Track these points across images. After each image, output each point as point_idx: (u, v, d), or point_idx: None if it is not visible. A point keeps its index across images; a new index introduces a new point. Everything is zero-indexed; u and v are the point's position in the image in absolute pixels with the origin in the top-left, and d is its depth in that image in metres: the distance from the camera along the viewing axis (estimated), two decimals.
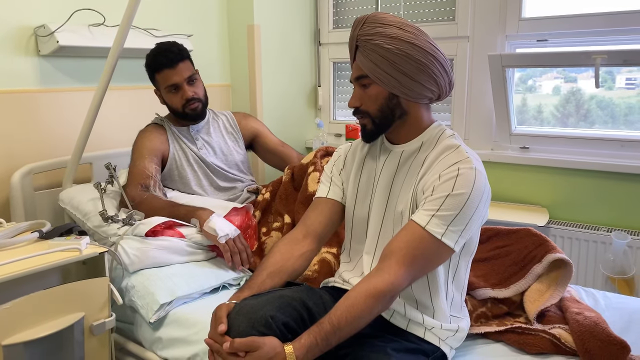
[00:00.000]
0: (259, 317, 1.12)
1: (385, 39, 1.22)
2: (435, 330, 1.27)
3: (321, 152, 2.00)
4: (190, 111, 1.99)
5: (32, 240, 1.53)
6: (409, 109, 1.28)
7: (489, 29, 2.47)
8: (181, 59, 1.95)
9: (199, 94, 2.00)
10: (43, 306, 1.30)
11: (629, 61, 2.05)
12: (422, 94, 1.26)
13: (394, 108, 1.28)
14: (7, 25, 1.97)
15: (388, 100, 1.27)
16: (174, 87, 1.96)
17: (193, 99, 1.97)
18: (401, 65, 1.22)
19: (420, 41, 1.22)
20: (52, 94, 2.13)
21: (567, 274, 1.51)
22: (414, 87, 1.24)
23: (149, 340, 1.58)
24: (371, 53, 1.24)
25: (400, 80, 1.23)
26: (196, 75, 2.01)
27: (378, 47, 1.23)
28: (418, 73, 1.23)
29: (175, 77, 1.94)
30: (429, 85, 1.25)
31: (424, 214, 1.19)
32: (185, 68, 1.96)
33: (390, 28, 1.23)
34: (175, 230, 1.73)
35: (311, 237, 1.39)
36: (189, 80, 1.97)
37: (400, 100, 1.27)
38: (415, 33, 1.23)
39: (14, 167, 2.00)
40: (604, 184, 2.26)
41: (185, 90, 1.96)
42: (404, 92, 1.25)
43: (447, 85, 1.28)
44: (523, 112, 2.53)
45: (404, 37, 1.22)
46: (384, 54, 1.22)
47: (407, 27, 1.24)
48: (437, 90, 1.27)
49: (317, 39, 3.06)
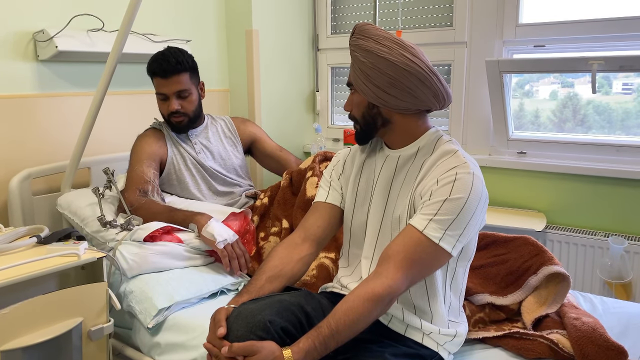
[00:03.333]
0: (257, 322, 1.12)
1: (361, 51, 1.26)
2: (434, 335, 1.27)
3: (319, 156, 2.01)
4: (175, 122, 1.99)
5: (30, 245, 1.52)
6: (391, 117, 1.30)
7: (486, 35, 2.48)
8: (176, 72, 1.90)
9: (187, 109, 1.97)
10: (41, 311, 1.30)
11: (626, 67, 2.06)
12: (400, 106, 1.27)
13: (375, 116, 1.31)
14: (6, 30, 1.98)
15: (369, 109, 1.31)
16: (162, 96, 1.96)
17: (178, 112, 1.96)
18: (373, 78, 1.25)
19: (393, 56, 1.23)
20: (51, 99, 2.13)
21: (565, 288, 1.50)
22: (388, 99, 1.26)
23: (147, 346, 1.58)
24: (354, 63, 1.29)
25: (375, 92, 1.26)
26: (191, 91, 1.96)
27: (357, 59, 1.27)
28: (389, 87, 1.24)
29: (164, 88, 1.93)
30: (404, 98, 1.25)
31: (422, 218, 1.20)
32: (177, 81, 1.92)
33: (367, 41, 1.26)
34: (173, 235, 1.73)
35: (310, 241, 1.39)
36: (179, 94, 1.94)
37: (380, 109, 1.29)
38: (391, 47, 1.24)
39: (12, 172, 1.99)
40: (601, 189, 2.27)
41: (171, 103, 1.94)
42: (381, 102, 1.27)
43: (431, 98, 1.27)
44: (520, 117, 2.54)
45: (377, 51, 1.24)
46: (360, 66, 1.27)
47: (384, 40, 1.25)
48: (418, 102, 1.26)
49: (316, 44, 3.07)
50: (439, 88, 1.27)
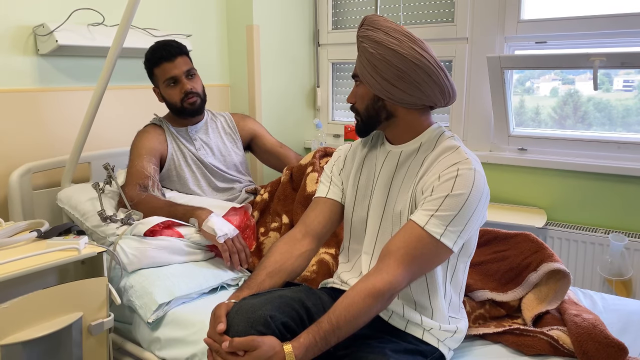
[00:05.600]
0: (257, 317, 1.12)
1: (370, 42, 1.25)
2: (434, 331, 1.27)
3: (320, 152, 2.00)
4: (188, 105, 1.99)
5: (30, 240, 1.53)
6: (395, 111, 1.29)
7: (487, 31, 2.48)
8: (180, 54, 1.96)
9: (197, 89, 2.01)
10: (41, 306, 1.30)
11: (627, 63, 2.05)
12: (406, 100, 1.26)
13: (379, 109, 1.29)
14: (6, 24, 1.97)
15: (373, 102, 1.29)
16: (173, 80, 1.96)
17: (191, 93, 1.98)
18: (381, 70, 1.24)
19: (403, 48, 1.22)
20: (51, 93, 2.13)
21: (565, 285, 1.50)
22: (395, 92, 1.25)
23: (147, 340, 1.58)
24: (361, 54, 1.27)
25: (382, 85, 1.25)
26: (194, 71, 2.02)
27: (365, 50, 1.26)
28: (397, 79, 1.23)
29: (174, 70, 1.95)
30: (411, 92, 1.25)
31: (423, 214, 1.19)
32: (183, 62, 1.97)
33: (378, 33, 1.24)
34: (173, 230, 1.73)
35: (310, 236, 1.39)
36: (188, 73, 1.98)
37: (385, 102, 1.28)
38: (401, 39, 1.23)
39: (13, 166, 1.99)
40: (601, 186, 2.27)
41: (183, 83, 1.97)
42: (387, 95, 1.26)
43: (437, 94, 1.26)
44: (521, 113, 2.53)
45: (387, 42, 1.23)
46: (369, 58, 1.25)
47: (394, 32, 1.24)
48: (424, 97, 1.26)
49: (316, 40, 3.06)
50: (446, 84, 1.27)
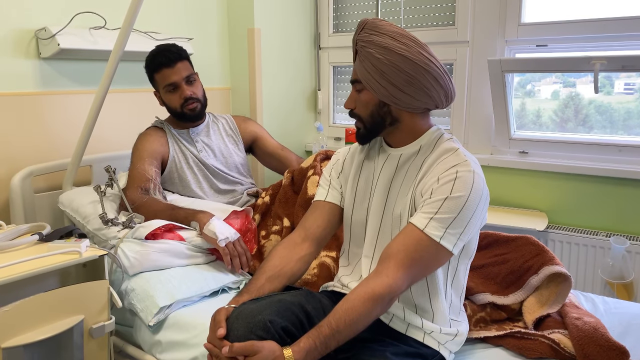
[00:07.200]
0: (257, 322, 1.12)
1: (377, 48, 1.23)
2: (435, 334, 1.27)
3: (321, 155, 2.00)
4: (188, 111, 1.99)
5: (31, 243, 1.53)
6: (400, 116, 1.28)
7: (488, 34, 2.48)
8: (179, 59, 1.96)
9: (198, 94, 2.01)
10: (42, 309, 1.30)
11: (628, 67, 2.05)
12: (412, 105, 1.26)
13: (384, 115, 1.28)
14: (8, 27, 1.98)
15: (379, 108, 1.28)
16: (172, 86, 1.97)
17: (191, 98, 1.98)
18: (390, 76, 1.22)
19: (411, 54, 1.22)
20: (53, 97, 2.13)
21: (566, 288, 1.50)
22: (403, 97, 1.24)
23: (149, 344, 1.58)
24: (365, 60, 1.25)
25: (390, 90, 1.24)
26: (195, 76, 2.02)
27: (370, 56, 1.24)
28: (407, 85, 1.23)
29: (173, 76, 1.95)
30: (419, 97, 1.24)
31: (423, 217, 1.19)
32: (183, 68, 1.97)
33: (384, 37, 1.23)
34: (175, 233, 1.73)
35: (310, 240, 1.39)
36: (187, 79, 1.98)
37: (391, 108, 1.27)
38: (409, 45, 1.22)
39: (14, 170, 2.00)
40: (602, 189, 2.27)
41: (183, 89, 1.97)
42: (394, 101, 1.25)
43: (442, 97, 1.27)
44: (522, 116, 2.53)
45: (396, 48, 1.22)
46: (375, 63, 1.23)
47: (401, 37, 1.23)
48: (430, 101, 1.26)
49: (317, 43, 3.06)
50: (450, 87, 1.27)
